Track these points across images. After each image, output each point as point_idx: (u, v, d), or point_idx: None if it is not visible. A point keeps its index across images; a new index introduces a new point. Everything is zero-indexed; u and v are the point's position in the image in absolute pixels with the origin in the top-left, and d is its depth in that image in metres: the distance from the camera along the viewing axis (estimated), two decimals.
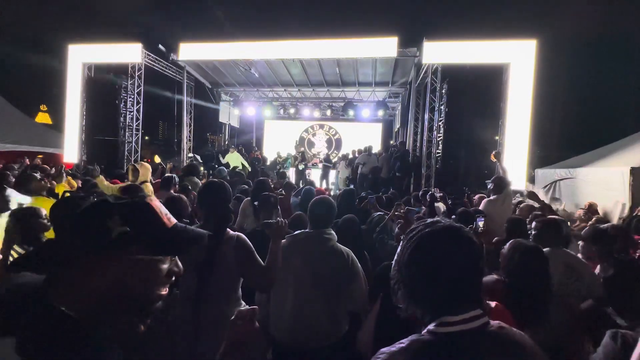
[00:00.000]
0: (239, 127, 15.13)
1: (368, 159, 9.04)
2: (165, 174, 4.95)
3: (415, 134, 9.74)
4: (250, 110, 12.75)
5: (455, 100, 8.17)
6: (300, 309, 1.86)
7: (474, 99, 8.14)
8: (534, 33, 7.77)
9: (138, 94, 10.13)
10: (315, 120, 13.87)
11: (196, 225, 1.80)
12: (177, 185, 4.08)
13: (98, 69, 10.18)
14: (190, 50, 9.70)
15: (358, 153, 9.86)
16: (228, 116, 13.85)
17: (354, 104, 11.58)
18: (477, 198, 4.95)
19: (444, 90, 8.49)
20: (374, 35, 8.66)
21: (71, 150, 9.94)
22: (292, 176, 9.72)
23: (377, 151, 9.97)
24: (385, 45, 8.48)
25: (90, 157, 9.75)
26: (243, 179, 5.93)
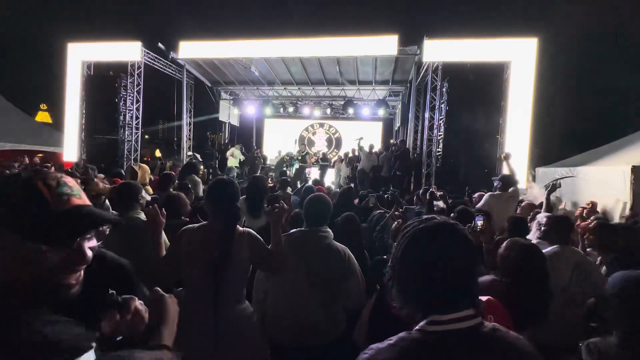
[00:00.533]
0: (238, 126, 15.10)
1: (369, 157, 9.02)
2: (165, 172, 4.93)
3: (416, 132, 9.71)
4: (250, 109, 12.72)
5: (456, 99, 8.11)
6: (298, 307, 1.85)
7: (474, 98, 8.06)
8: (535, 31, 7.76)
9: (138, 92, 10.10)
10: (315, 119, 13.83)
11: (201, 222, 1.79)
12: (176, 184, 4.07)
13: (97, 67, 10.16)
14: (190, 49, 9.68)
15: (359, 150, 9.83)
16: (228, 115, 13.83)
17: (354, 102, 11.54)
18: (477, 196, 4.91)
19: (444, 89, 8.44)
20: (374, 33, 8.63)
21: (71, 149, 9.93)
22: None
23: (378, 149, 9.93)
24: (385, 44, 8.44)
25: (90, 156, 9.73)
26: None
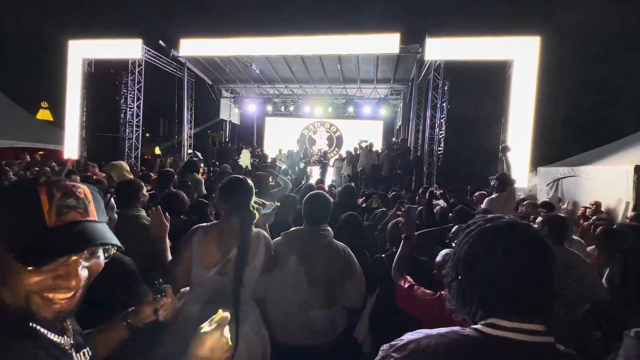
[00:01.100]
0: (239, 124, 15.08)
1: (369, 155, 8.99)
2: (165, 169, 4.92)
3: (417, 131, 9.67)
4: (250, 107, 12.69)
5: (458, 98, 8.10)
6: (297, 306, 1.83)
7: (476, 96, 8.05)
8: (538, 30, 7.68)
9: (138, 90, 10.09)
10: (316, 117, 13.79)
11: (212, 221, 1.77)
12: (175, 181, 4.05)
13: (98, 64, 10.15)
14: (190, 46, 9.65)
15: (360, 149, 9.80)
16: (229, 113, 13.81)
17: (356, 101, 11.50)
18: (478, 195, 4.89)
19: (446, 87, 8.41)
20: (376, 31, 8.59)
21: (72, 146, 9.93)
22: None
23: (380, 148, 9.91)
24: (387, 42, 8.39)
25: (90, 154, 9.74)
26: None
